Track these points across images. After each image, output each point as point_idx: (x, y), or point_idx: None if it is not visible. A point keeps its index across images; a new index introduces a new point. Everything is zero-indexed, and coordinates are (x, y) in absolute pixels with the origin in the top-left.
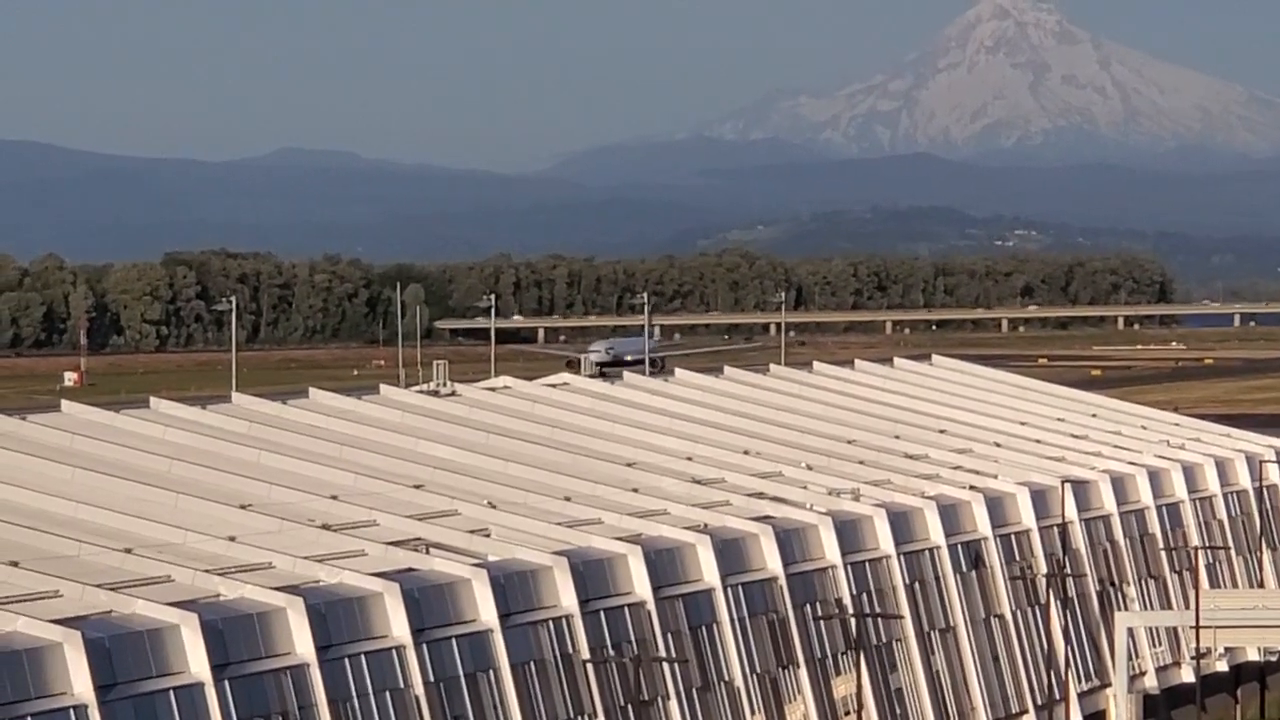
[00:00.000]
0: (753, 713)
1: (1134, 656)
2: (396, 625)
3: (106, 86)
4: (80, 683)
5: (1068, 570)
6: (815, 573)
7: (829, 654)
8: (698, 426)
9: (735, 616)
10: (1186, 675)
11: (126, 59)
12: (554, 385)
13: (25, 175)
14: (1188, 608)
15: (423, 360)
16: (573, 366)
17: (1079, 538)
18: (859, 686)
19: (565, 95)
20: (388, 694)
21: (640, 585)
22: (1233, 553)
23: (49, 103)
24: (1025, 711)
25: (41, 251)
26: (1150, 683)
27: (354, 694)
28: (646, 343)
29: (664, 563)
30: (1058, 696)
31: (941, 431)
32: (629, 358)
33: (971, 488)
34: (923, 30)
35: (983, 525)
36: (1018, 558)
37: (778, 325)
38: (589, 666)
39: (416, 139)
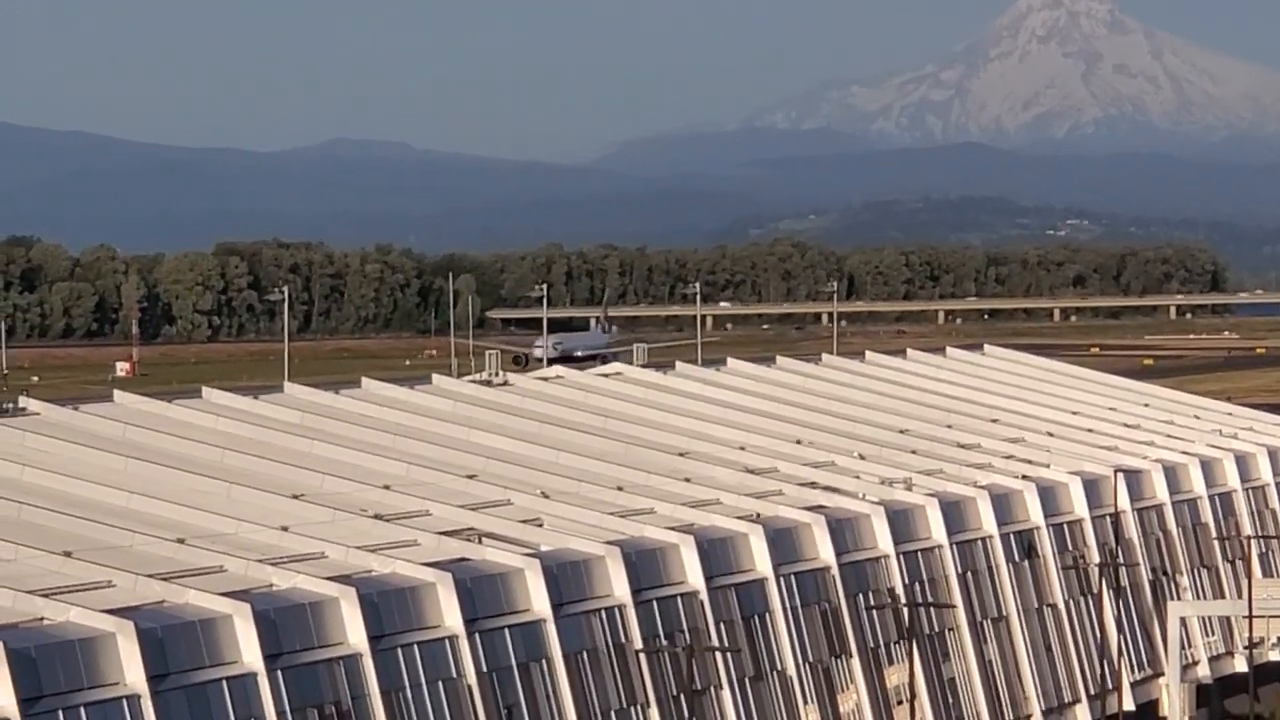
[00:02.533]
0: (805, 702)
1: (1186, 646)
2: (449, 615)
3: (158, 77)
4: (133, 673)
5: (1120, 560)
6: (868, 562)
7: (881, 644)
8: (750, 416)
9: (788, 606)
10: (1239, 665)
11: (178, 49)
12: (606, 375)
13: (76, 165)
14: (1240, 597)
15: (475, 350)
16: (519, 363)
17: (1131, 527)
18: (911, 676)
19: (617, 85)
20: (440, 684)
21: (693, 575)
22: None
23: (100, 93)
24: (1078, 701)
25: (93, 242)
26: (1203, 672)
27: (407, 684)
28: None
29: (716, 552)
30: (1110, 686)
31: (994, 421)
32: (579, 353)
33: (1024, 477)
34: (975, 19)
35: (1035, 515)
36: (1070, 547)
37: (829, 315)
38: (642, 656)
39: (468, 129)
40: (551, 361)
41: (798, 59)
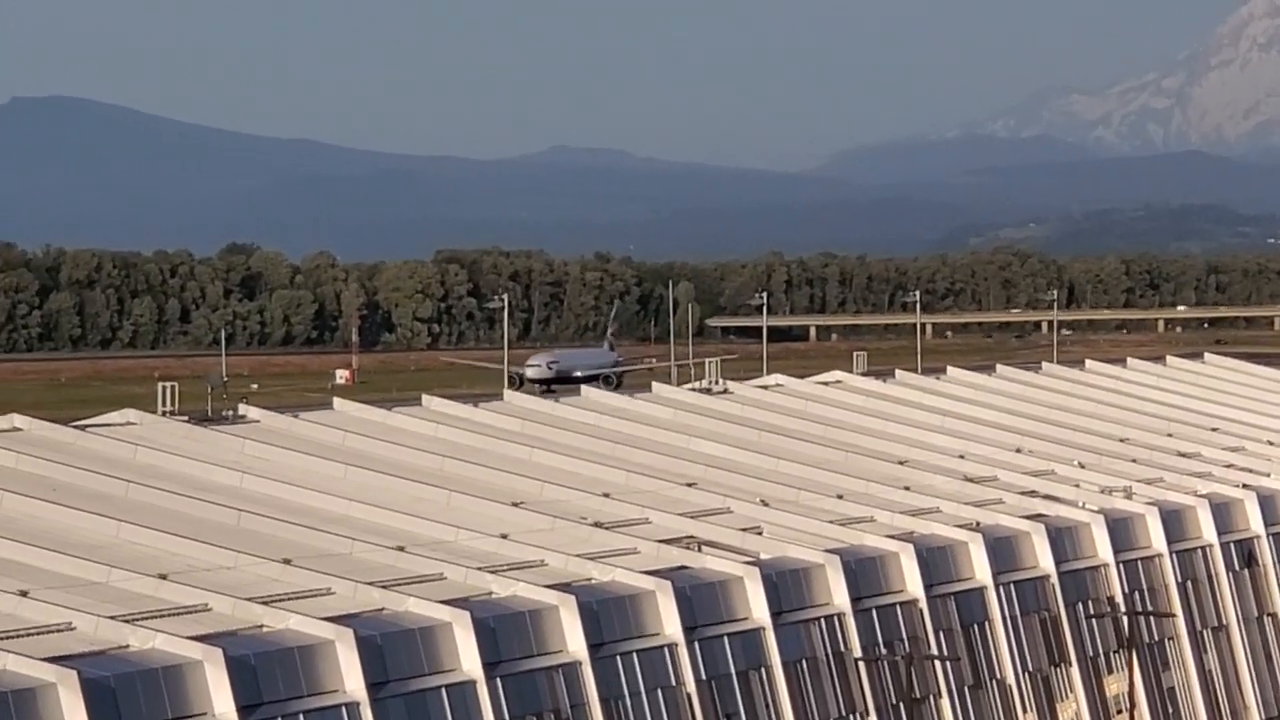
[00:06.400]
0: (1025, 711)
1: None
2: (669, 623)
3: (379, 85)
4: (353, 680)
5: None
6: (1087, 571)
7: (1101, 652)
8: (970, 425)
9: (1007, 615)
10: None
11: (403, 58)
12: (826, 383)
13: (298, 173)
14: None
15: (695, 358)
16: (513, 383)
17: None
18: (1131, 685)
19: (838, 93)
20: (660, 692)
21: (912, 583)
22: None
23: (322, 101)
24: None
25: (313, 249)
26: None
27: (626, 692)
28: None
29: (936, 561)
30: None
31: (1214, 430)
32: (579, 373)
33: (1244, 486)
34: (1195, 27)
35: (1256, 523)
36: None
37: (1049, 323)
38: (861, 664)
39: (687, 137)
40: (546, 382)
41: (1017, 67)
